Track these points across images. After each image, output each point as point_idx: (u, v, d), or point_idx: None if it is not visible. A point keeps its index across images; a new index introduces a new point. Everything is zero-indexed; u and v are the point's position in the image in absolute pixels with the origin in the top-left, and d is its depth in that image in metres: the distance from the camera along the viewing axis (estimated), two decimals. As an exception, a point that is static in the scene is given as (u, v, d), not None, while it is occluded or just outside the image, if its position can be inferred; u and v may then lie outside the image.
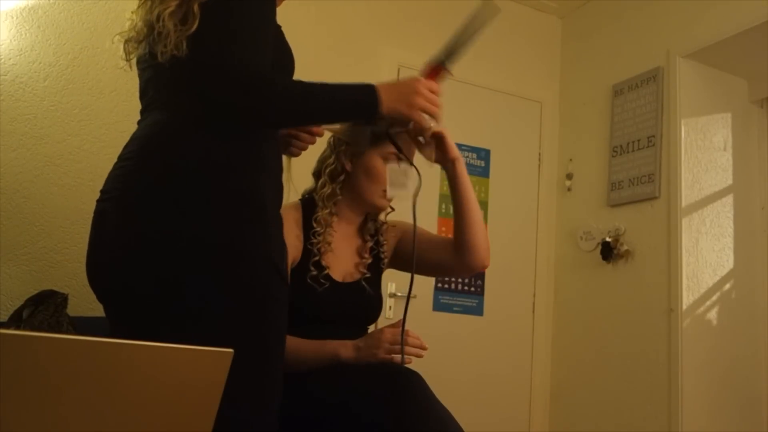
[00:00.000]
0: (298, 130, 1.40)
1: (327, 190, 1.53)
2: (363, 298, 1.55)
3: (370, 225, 1.62)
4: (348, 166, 1.54)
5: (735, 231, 2.96)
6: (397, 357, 1.34)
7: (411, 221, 1.50)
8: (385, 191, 1.51)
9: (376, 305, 1.58)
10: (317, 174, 1.59)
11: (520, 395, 3.34)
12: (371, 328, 1.58)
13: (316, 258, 1.50)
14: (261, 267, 1.14)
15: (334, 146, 1.56)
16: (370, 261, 1.57)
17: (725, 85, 3.07)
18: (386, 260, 1.62)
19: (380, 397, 1.25)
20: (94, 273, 1.17)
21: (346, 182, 1.54)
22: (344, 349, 1.38)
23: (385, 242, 1.62)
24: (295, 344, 1.38)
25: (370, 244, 1.59)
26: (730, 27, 2.76)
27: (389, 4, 3.22)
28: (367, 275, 1.56)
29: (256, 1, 1.21)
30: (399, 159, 1.41)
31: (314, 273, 1.49)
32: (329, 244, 1.53)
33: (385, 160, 1.51)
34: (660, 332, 2.82)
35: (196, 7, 1.16)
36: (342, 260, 1.56)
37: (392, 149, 1.45)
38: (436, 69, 1.37)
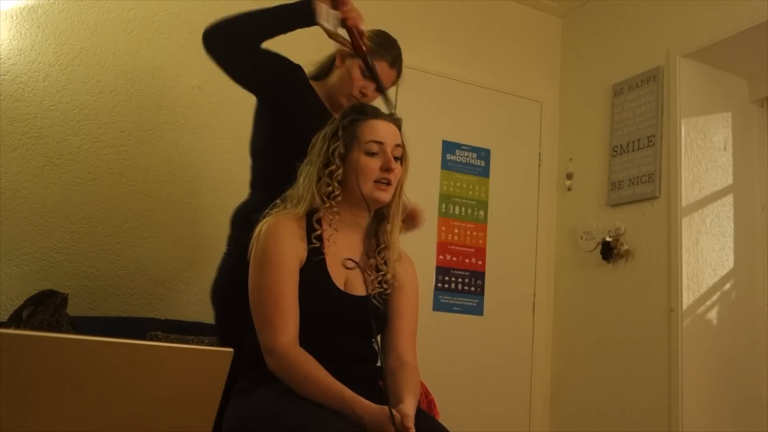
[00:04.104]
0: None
1: (328, 188, 1.52)
2: (367, 311, 1.53)
3: (373, 241, 1.61)
4: (339, 167, 1.53)
5: (735, 231, 2.96)
6: None
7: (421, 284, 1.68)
8: (376, 182, 1.51)
9: (382, 319, 1.57)
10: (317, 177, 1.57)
11: (520, 395, 3.34)
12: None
13: (321, 257, 1.50)
14: None
15: (326, 149, 1.55)
16: (374, 278, 1.57)
17: (725, 84, 3.07)
18: (389, 290, 1.60)
19: None
20: None
21: (343, 181, 1.53)
22: (360, 410, 1.35)
23: (389, 272, 1.59)
24: (315, 374, 1.37)
25: (374, 262, 1.59)
26: (730, 27, 2.76)
27: (390, 4, 3.22)
28: (373, 292, 1.55)
29: None
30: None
31: (317, 275, 1.49)
32: (333, 243, 1.53)
33: (367, 155, 1.52)
34: (660, 332, 2.82)
35: None
36: (346, 269, 1.55)
37: (372, 146, 1.54)
38: (372, 64, 1.80)
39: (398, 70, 1.97)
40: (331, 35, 1.78)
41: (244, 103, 2.84)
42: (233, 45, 1.78)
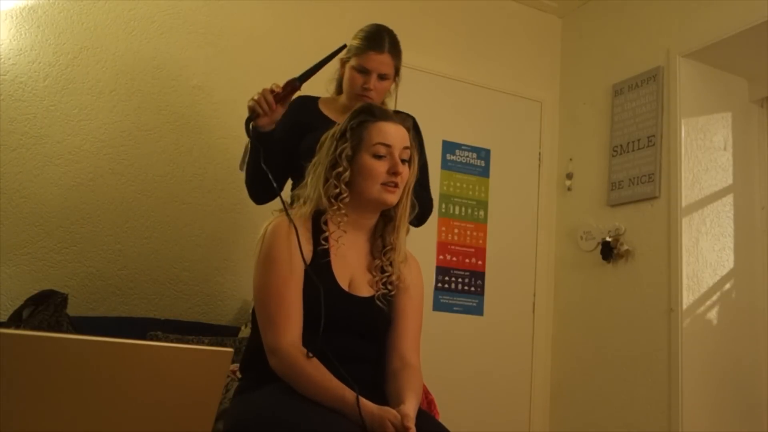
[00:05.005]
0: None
1: (335, 190, 1.52)
2: (370, 312, 1.53)
3: (379, 241, 1.61)
4: (346, 169, 1.53)
5: (735, 231, 2.96)
6: None
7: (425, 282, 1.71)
8: (383, 184, 1.52)
9: (386, 320, 1.57)
10: (324, 179, 1.57)
11: (520, 395, 3.34)
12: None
13: (326, 260, 1.50)
14: None
15: (334, 150, 1.55)
16: (379, 279, 1.57)
17: (725, 84, 3.07)
18: (393, 291, 1.60)
19: None
20: None
21: (350, 183, 1.53)
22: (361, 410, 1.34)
23: (394, 274, 1.58)
24: (316, 374, 1.37)
25: (379, 263, 1.58)
26: (730, 27, 2.76)
27: (390, 4, 3.22)
28: (378, 293, 1.55)
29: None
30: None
31: (322, 275, 1.49)
32: (340, 245, 1.53)
33: (375, 157, 1.52)
34: (660, 332, 2.82)
35: None
36: (351, 269, 1.55)
37: (380, 149, 1.54)
38: (290, 82, 1.83)
39: (392, 54, 2.01)
40: (287, 99, 1.87)
41: (244, 103, 2.84)
42: (263, 189, 1.90)
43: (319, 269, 1.49)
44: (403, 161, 1.54)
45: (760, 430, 2.81)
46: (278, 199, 1.62)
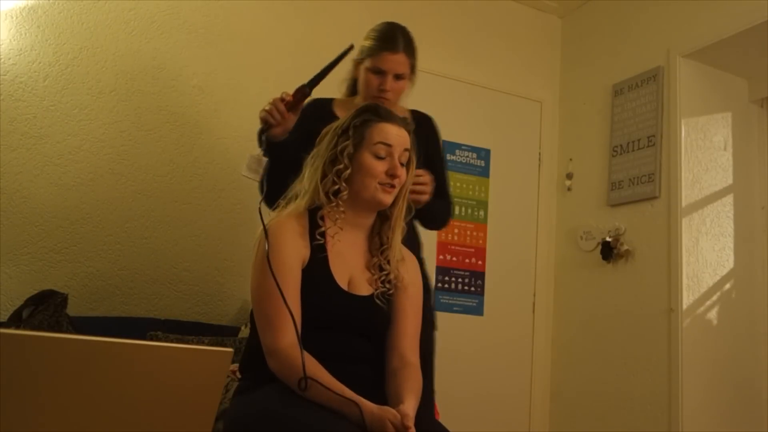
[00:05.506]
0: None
1: (334, 186, 1.53)
2: (370, 311, 1.53)
3: (376, 239, 1.61)
4: (347, 167, 1.53)
5: (735, 231, 2.96)
6: None
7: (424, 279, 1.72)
8: (380, 184, 1.52)
9: (385, 319, 1.57)
10: (322, 175, 1.57)
11: (520, 395, 3.34)
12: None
13: (323, 255, 1.50)
14: None
15: (335, 145, 1.55)
16: (378, 277, 1.57)
17: (725, 84, 3.07)
18: (391, 290, 1.60)
19: None
20: None
21: (348, 181, 1.53)
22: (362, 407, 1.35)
23: (392, 272, 1.58)
24: (316, 375, 1.36)
25: (377, 260, 1.59)
26: (730, 27, 2.76)
27: (390, 4, 3.22)
28: (377, 291, 1.56)
29: None
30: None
31: (320, 275, 1.49)
32: (337, 242, 1.53)
33: (375, 157, 1.53)
34: (660, 332, 2.82)
35: None
36: (349, 268, 1.55)
37: (381, 149, 1.54)
38: (300, 89, 1.80)
39: (407, 52, 1.99)
40: (298, 107, 1.83)
41: (245, 102, 2.85)
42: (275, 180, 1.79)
43: (317, 268, 1.49)
44: (402, 164, 1.55)
45: (760, 430, 2.81)
46: (279, 201, 1.62)
